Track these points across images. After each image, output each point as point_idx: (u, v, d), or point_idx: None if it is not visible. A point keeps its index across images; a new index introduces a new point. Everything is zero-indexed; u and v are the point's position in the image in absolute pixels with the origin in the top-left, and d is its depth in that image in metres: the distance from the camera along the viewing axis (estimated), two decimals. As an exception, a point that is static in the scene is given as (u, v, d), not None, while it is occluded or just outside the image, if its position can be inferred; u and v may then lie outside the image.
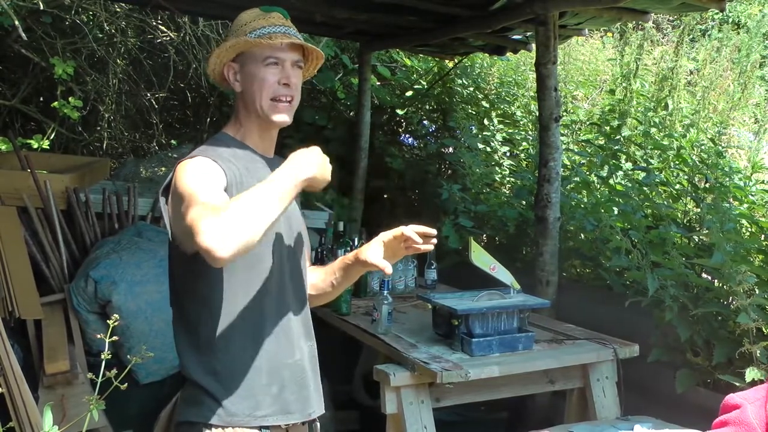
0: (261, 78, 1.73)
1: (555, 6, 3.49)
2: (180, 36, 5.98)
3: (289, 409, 1.74)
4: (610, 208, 3.95)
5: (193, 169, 1.63)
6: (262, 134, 1.81)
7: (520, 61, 5.84)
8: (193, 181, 1.58)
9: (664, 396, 2.94)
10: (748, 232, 3.57)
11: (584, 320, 3.19)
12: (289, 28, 1.77)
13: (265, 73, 1.73)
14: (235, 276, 1.68)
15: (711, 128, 4.75)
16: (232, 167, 1.70)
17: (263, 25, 1.74)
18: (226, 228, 1.41)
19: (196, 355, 1.69)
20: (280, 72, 1.74)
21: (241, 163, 1.73)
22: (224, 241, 1.40)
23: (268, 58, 1.73)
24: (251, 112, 1.78)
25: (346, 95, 6.09)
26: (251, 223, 1.44)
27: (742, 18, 9.04)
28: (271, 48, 1.73)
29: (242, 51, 1.75)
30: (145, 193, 4.28)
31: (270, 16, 1.77)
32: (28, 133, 5.65)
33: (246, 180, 1.69)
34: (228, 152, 1.73)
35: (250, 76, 1.75)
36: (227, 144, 1.77)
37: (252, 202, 1.47)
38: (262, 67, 1.73)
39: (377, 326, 2.97)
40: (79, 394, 3.11)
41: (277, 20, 1.77)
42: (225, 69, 1.78)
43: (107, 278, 3.46)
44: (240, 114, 1.81)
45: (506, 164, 5.12)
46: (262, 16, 1.77)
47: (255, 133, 1.80)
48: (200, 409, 1.68)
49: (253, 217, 1.45)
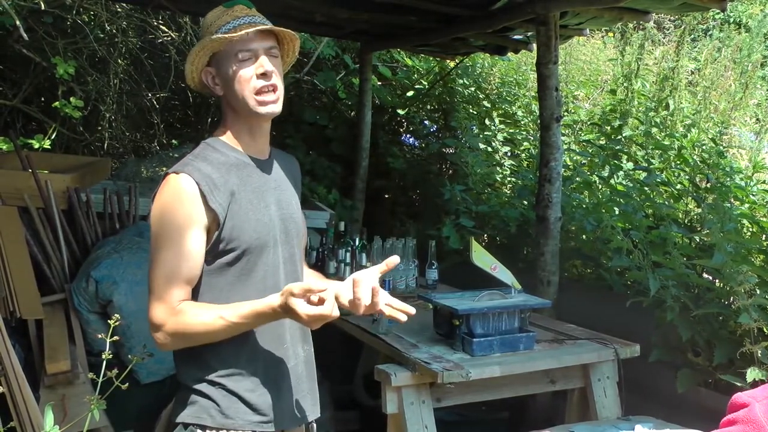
0: (238, 75, 1.68)
1: (556, 6, 3.49)
2: (181, 36, 5.98)
3: (284, 414, 1.74)
4: (612, 209, 3.95)
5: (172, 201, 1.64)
6: (253, 132, 1.76)
7: (521, 61, 5.85)
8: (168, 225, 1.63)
9: (665, 396, 2.93)
10: (749, 232, 3.57)
11: (585, 320, 3.19)
12: (253, 17, 1.71)
13: (240, 68, 1.68)
14: (231, 282, 1.68)
15: (712, 128, 4.75)
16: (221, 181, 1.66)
17: (227, 21, 1.69)
18: (172, 336, 1.62)
19: (191, 359, 1.69)
20: (254, 64, 1.69)
21: (233, 172, 1.70)
22: (165, 343, 1.64)
23: (239, 53, 1.68)
24: (238, 112, 1.73)
25: (347, 95, 6.09)
26: (195, 340, 1.64)
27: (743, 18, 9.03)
28: (240, 41, 1.67)
29: (214, 52, 1.70)
30: (146, 193, 4.28)
31: (233, 10, 1.71)
32: (30, 133, 5.65)
33: (240, 188, 1.69)
34: (219, 161, 1.70)
35: (227, 75, 1.70)
36: (218, 151, 1.72)
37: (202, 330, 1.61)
38: (235, 63, 1.68)
39: (378, 326, 2.97)
40: (80, 393, 3.11)
41: (239, 12, 1.71)
42: (203, 75, 1.74)
43: (108, 278, 3.46)
44: (228, 117, 1.76)
45: (507, 164, 5.12)
46: (226, 12, 1.71)
47: (246, 133, 1.75)
48: (194, 410, 1.68)
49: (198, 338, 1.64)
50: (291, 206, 1.83)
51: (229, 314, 1.59)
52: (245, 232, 1.67)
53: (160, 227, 1.64)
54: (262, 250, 1.71)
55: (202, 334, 1.61)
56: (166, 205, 1.65)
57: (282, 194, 1.81)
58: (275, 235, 1.74)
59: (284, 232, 1.78)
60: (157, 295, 1.62)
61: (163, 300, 1.61)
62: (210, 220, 1.65)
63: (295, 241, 1.82)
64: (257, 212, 1.71)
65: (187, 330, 1.60)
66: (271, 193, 1.77)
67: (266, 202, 1.74)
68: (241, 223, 1.67)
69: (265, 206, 1.73)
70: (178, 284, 1.62)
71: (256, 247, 1.69)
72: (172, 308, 1.61)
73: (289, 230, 1.80)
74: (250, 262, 1.68)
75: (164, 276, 1.62)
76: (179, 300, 1.62)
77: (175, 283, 1.62)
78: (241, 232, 1.67)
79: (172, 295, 1.61)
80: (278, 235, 1.75)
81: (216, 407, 1.67)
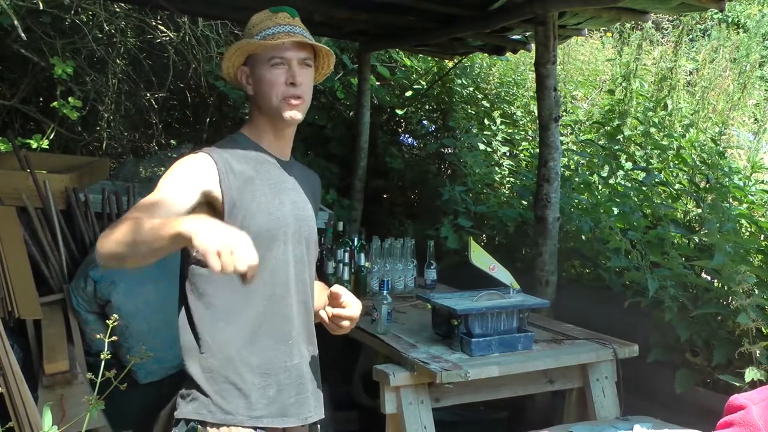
0: (268, 79, 1.75)
1: (554, 6, 3.49)
2: (179, 36, 5.98)
3: (285, 412, 1.75)
4: (610, 209, 3.95)
5: (177, 166, 1.71)
6: (276, 134, 1.83)
7: (520, 61, 5.84)
8: (163, 180, 1.67)
9: (664, 396, 2.94)
10: (748, 232, 3.57)
11: (583, 320, 3.19)
12: (294, 27, 1.78)
13: (272, 74, 1.75)
14: None
15: (710, 128, 4.75)
16: (238, 167, 1.72)
17: (269, 26, 1.76)
18: (108, 235, 1.52)
19: (196, 353, 1.71)
20: (286, 72, 1.75)
21: (251, 164, 1.76)
22: (101, 245, 1.52)
23: (273, 59, 1.75)
24: (263, 113, 1.80)
25: (345, 95, 6.09)
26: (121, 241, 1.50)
27: (741, 18, 9.04)
28: (275, 48, 1.74)
29: (250, 54, 1.77)
30: (144, 193, 4.26)
31: (277, 16, 1.79)
32: (28, 133, 5.64)
33: (256, 179, 1.73)
34: (240, 152, 1.76)
35: (259, 78, 1.77)
36: (241, 144, 1.80)
37: (133, 227, 1.49)
38: (268, 68, 1.75)
39: (377, 326, 2.97)
40: (78, 394, 3.11)
41: (282, 20, 1.78)
42: (237, 72, 1.81)
43: (106, 278, 3.46)
44: (254, 115, 1.84)
45: (506, 164, 5.12)
46: (270, 17, 1.79)
47: (269, 133, 1.82)
48: (196, 406, 1.69)
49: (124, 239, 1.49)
50: (306, 210, 1.86)
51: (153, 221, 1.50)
52: (256, 223, 1.70)
53: (163, 178, 1.69)
54: (272, 243, 1.73)
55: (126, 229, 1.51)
56: (177, 164, 1.71)
57: (298, 196, 1.84)
58: (287, 231, 1.77)
59: (297, 231, 1.80)
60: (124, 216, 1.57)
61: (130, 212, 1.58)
62: (215, 197, 1.69)
63: (307, 244, 1.84)
64: (270, 205, 1.74)
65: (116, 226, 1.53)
66: (288, 192, 1.81)
67: (281, 198, 1.78)
68: (253, 213, 1.70)
69: (279, 202, 1.77)
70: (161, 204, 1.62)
71: (265, 238, 1.70)
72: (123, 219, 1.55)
73: (302, 231, 1.82)
74: (258, 254, 1.67)
75: (136, 207, 1.60)
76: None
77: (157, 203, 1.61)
78: (251, 221, 1.69)
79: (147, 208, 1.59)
80: (290, 233, 1.78)
81: (215, 403, 1.68)
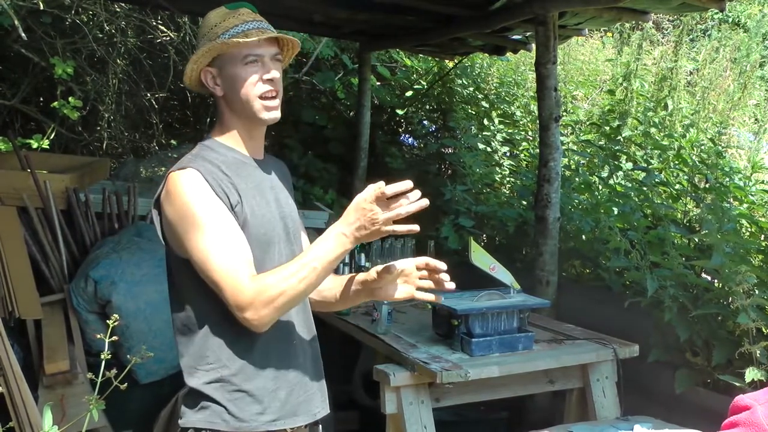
0: (243, 78, 1.69)
1: (554, 6, 3.49)
2: (180, 36, 5.97)
3: (295, 411, 1.73)
4: (610, 209, 3.95)
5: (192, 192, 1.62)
6: (250, 134, 1.76)
7: (520, 61, 5.84)
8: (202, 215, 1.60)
9: (664, 396, 2.94)
10: (748, 232, 3.57)
11: (584, 320, 3.19)
12: (261, 22, 1.72)
13: (247, 72, 1.69)
14: None
15: (711, 128, 4.74)
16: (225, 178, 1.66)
17: (235, 24, 1.68)
18: (269, 310, 1.55)
19: (200, 362, 1.67)
20: (261, 69, 1.69)
21: (233, 170, 1.70)
22: (261, 317, 1.56)
23: (247, 57, 1.68)
24: (237, 113, 1.73)
25: (346, 95, 6.09)
26: (295, 300, 1.60)
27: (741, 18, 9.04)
28: (248, 46, 1.67)
29: (219, 54, 1.70)
30: (145, 193, 4.28)
31: (239, 12, 1.72)
32: (28, 133, 5.64)
33: (242, 185, 1.68)
34: (218, 159, 1.70)
35: (231, 77, 1.70)
36: (216, 150, 1.73)
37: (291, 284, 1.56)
38: (242, 66, 1.68)
39: (377, 326, 2.97)
40: (78, 394, 3.11)
41: (247, 16, 1.71)
42: (202, 74, 1.73)
43: (107, 278, 3.46)
44: (225, 117, 1.76)
45: (506, 164, 5.12)
46: (231, 14, 1.71)
47: (243, 134, 1.75)
48: (207, 415, 1.65)
49: (297, 296, 1.59)
50: (289, 206, 1.83)
51: (305, 259, 1.57)
52: (254, 228, 1.67)
53: (191, 221, 1.60)
54: (269, 246, 1.71)
55: (293, 288, 1.56)
56: (186, 198, 1.61)
57: (280, 193, 1.81)
58: (279, 232, 1.75)
59: (285, 230, 1.78)
60: (229, 281, 1.56)
61: (237, 279, 1.56)
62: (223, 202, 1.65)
63: (295, 239, 1.82)
64: (261, 208, 1.71)
65: (276, 289, 1.55)
66: (270, 191, 1.77)
67: (267, 199, 1.75)
68: (248, 220, 1.67)
69: (266, 203, 1.74)
70: (242, 262, 1.59)
71: (263, 242, 1.69)
72: (249, 282, 1.56)
73: (289, 229, 1.80)
74: (256, 259, 1.65)
75: (226, 260, 1.57)
76: (251, 274, 1.58)
77: (240, 262, 1.58)
78: (248, 229, 1.66)
79: (243, 272, 1.57)
80: (281, 232, 1.76)
81: (229, 411, 1.64)
